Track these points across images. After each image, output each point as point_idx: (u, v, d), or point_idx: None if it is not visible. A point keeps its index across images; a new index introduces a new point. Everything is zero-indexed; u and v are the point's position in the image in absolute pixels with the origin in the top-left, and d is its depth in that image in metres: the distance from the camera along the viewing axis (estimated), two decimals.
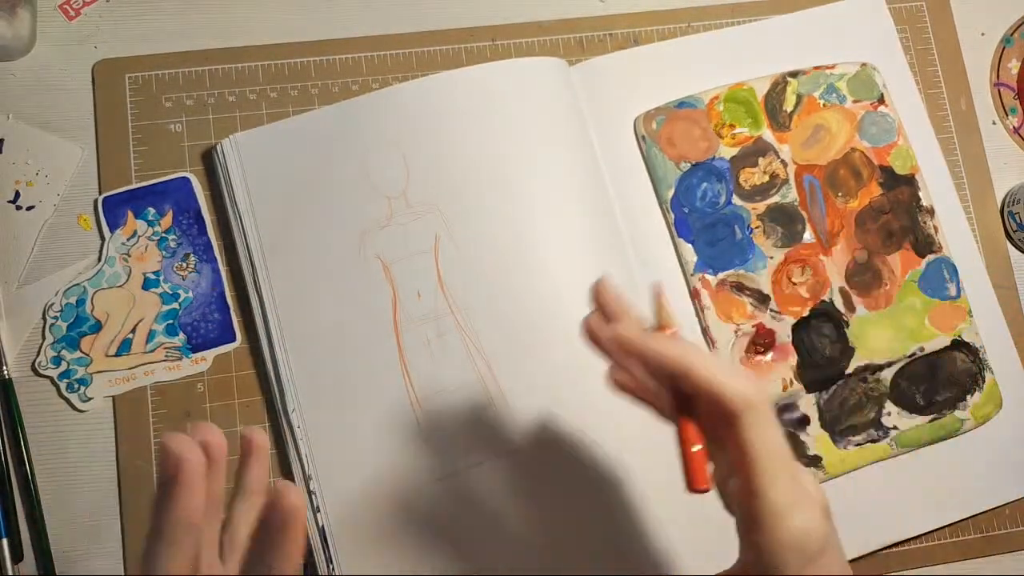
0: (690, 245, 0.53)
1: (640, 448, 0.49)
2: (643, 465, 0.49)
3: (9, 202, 0.52)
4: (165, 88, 0.54)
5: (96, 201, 0.52)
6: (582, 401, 0.49)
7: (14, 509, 0.49)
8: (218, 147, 0.52)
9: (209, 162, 0.53)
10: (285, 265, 0.51)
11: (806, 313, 0.53)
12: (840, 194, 0.54)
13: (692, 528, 0.49)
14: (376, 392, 0.50)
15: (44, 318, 0.51)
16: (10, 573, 0.48)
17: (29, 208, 0.52)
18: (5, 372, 0.50)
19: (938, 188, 0.55)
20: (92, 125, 0.53)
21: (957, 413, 0.52)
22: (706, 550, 0.49)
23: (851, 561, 0.51)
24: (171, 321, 0.51)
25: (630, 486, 0.49)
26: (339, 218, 0.51)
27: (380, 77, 0.55)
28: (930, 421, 0.52)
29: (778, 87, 0.55)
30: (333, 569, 0.48)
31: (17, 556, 0.48)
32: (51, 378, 0.50)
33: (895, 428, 0.52)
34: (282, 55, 0.55)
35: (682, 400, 0.36)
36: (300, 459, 0.49)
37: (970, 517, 0.53)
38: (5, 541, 0.48)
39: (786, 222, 0.54)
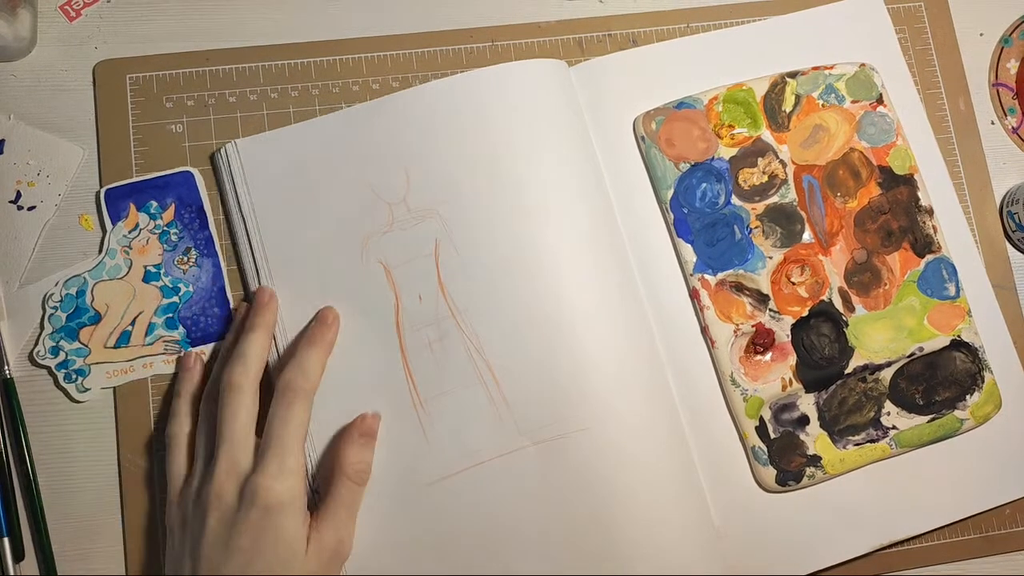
0: (689, 245, 0.53)
1: (643, 447, 0.49)
2: (645, 464, 0.49)
3: (10, 202, 0.52)
4: (166, 89, 0.54)
5: (98, 193, 0.52)
6: (582, 401, 0.49)
7: (15, 508, 0.49)
8: (220, 152, 0.52)
9: (211, 162, 0.53)
10: (287, 270, 0.51)
11: (805, 313, 0.53)
12: (839, 194, 0.54)
13: (693, 527, 0.49)
14: (379, 394, 0.50)
15: (43, 308, 0.51)
16: (11, 573, 0.48)
17: (30, 208, 0.53)
18: (7, 372, 0.50)
19: (937, 188, 0.56)
20: (93, 125, 0.54)
21: (956, 413, 0.52)
22: (707, 549, 0.49)
23: (851, 561, 0.51)
24: (171, 315, 0.51)
25: (632, 486, 0.49)
26: (341, 224, 0.51)
27: (380, 78, 0.55)
28: (929, 421, 0.52)
29: (777, 87, 0.55)
30: None
31: (18, 555, 0.48)
32: (48, 368, 0.50)
33: (894, 428, 0.52)
34: (283, 56, 0.55)
35: None
36: None
37: (970, 517, 0.53)
38: (6, 540, 0.48)
39: (785, 222, 0.54)
